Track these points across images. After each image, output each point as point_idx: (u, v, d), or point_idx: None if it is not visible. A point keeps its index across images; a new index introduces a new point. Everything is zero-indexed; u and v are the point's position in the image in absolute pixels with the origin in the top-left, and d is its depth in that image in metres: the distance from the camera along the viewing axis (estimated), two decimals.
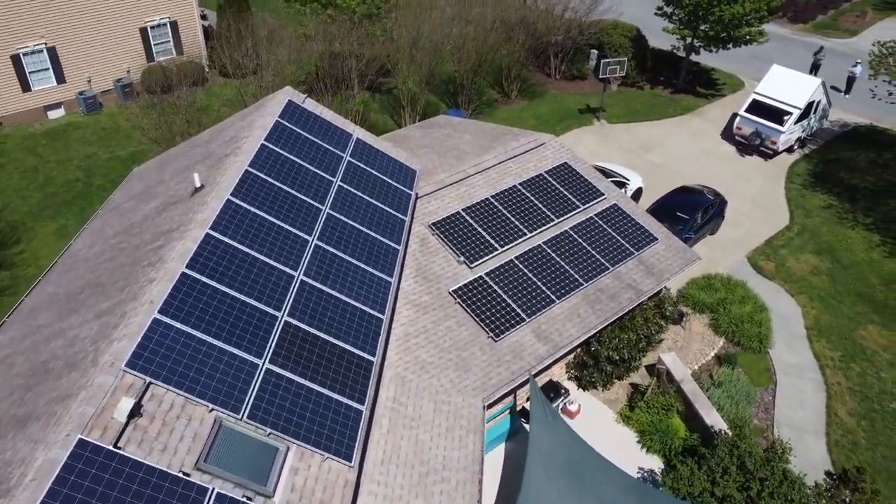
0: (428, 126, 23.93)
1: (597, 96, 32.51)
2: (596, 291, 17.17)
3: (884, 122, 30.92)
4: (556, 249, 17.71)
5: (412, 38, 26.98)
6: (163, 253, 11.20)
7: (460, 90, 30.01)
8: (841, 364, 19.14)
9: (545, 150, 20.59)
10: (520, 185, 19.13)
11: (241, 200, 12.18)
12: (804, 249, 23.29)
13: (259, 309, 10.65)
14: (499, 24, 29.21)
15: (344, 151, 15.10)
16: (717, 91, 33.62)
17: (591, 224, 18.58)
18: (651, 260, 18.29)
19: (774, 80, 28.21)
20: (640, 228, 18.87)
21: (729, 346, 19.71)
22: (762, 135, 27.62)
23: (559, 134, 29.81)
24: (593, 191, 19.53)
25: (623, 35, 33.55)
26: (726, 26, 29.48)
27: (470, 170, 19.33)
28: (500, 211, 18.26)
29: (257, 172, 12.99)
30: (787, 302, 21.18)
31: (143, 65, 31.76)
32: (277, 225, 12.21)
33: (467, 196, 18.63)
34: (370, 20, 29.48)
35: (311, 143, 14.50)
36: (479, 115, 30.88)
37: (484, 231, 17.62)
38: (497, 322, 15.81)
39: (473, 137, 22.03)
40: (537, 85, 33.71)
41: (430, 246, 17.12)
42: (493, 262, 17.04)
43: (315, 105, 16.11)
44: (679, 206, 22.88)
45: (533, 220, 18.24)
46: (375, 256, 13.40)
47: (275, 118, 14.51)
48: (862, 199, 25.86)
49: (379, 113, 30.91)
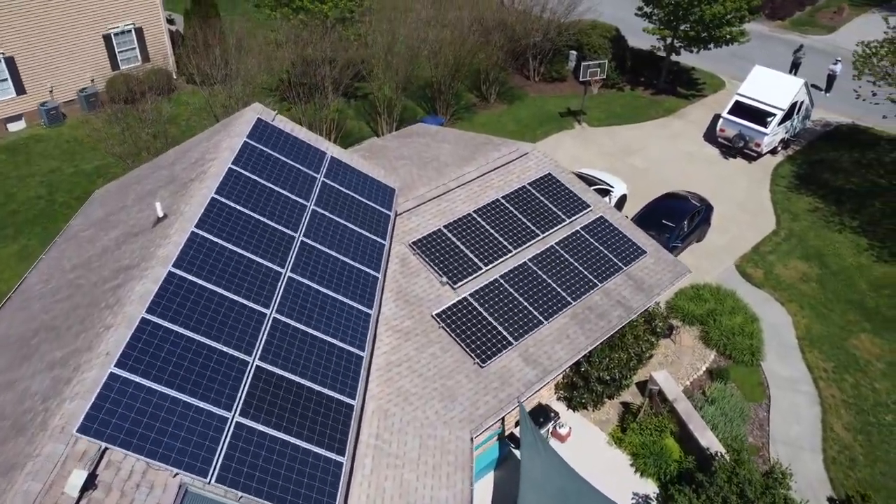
0: (406, 135, 23.12)
1: (577, 98, 31.90)
2: (585, 310, 16.51)
3: (865, 120, 30.66)
4: (542, 266, 17.02)
5: (387, 43, 26.12)
6: (121, 294, 10.31)
7: (438, 95, 29.23)
8: (834, 376, 18.70)
9: (528, 161, 19.89)
10: (503, 198, 18.41)
11: (206, 232, 11.30)
12: (792, 255, 22.86)
13: (228, 354, 9.81)
14: (476, 27, 28.45)
15: (318, 172, 14.25)
16: (698, 91, 33.18)
17: (577, 238, 17.92)
18: (640, 274, 17.68)
19: (757, 81, 27.79)
20: (628, 241, 18.25)
21: (720, 359, 19.19)
22: (746, 137, 27.19)
23: (540, 138, 29.17)
24: (579, 203, 18.86)
25: (602, 36, 32.97)
26: (707, 26, 29.00)
27: (451, 183, 18.57)
28: (484, 227, 17.53)
29: (224, 200, 12.11)
30: (778, 311, 20.71)
31: (108, 73, 30.58)
32: (247, 258, 11.36)
33: (449, 212, 17.87)
34: (343, 24, 28.58)
35: (282, 164, 13.65)
36: (458, 121, 30.14)
37: (467, 249, 16.88)
38: (483, 346, 15.08)
39: (453, 147, 21.27)
40: (516, 88, 33.02)
41: (411, 266, 16.35)
42: (478, 283, 16.32)
43: (286, 122, 15.24)
44: (665, 213, 22.32)
45: (517, 235, 17.54)
46: (354, 286, 12.60)
47: (243, 139, 13.62)
48: (847, 201, 25.52)
49: (355, 119, 30.03)
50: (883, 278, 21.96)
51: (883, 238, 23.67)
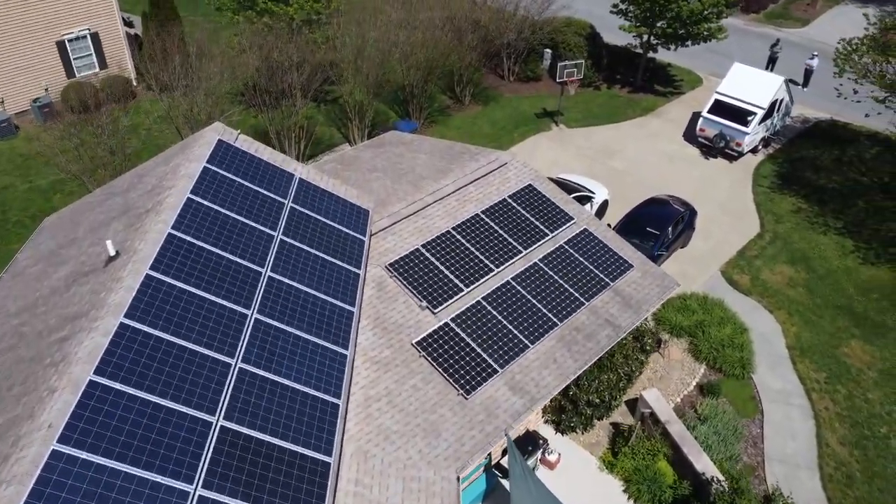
0: (378, 145, 22.15)
1: (553, 98, 31.12)
2: (572, 331, 15.75)
3: (843, 116, 30.31)
4: (526, 285, 16.22)
5: (357, 47, 25.06)
6: (68, 349, 9.28)
7: (410, 98, 28.25)
8: (827, 386, 18.20)
9: (507, 171, 19.05)
10: (482, 213, 17.56)
11: (162, 274, 10.29)
12: (778, 259, 22.35)
13: (188, 416, 8.86)
14: (448, 28, 27.48)
15: (286, 196, 13.26)
16: (675, 89, 32.59)
17: (561, 253, 17.14)
18: (628, 290, 16.96)
19: (736, 79, 27.24)
20: (614, 255, 17.52)
21: (710, 372, 18.60)
22: (726, 136, 26.64)
23: (517, 141, 28.36)
24: (561, 215, 18.08)
25: (577, 33, 32.21)
26: (684, 23, 28.37)
27: (428, 198, 17.67)
28: (463, 245, 16.67)
29: (182, 235, 11.09)
30: (766, 319, 20.17)
31: (64, 82, 29.11)
32: (208, 300, 10.38)
33: (426, 229, 16.98)
34: (310, 27, 27.43)
35: (246, 190, 12.64)
36: (432, 124, 29.20)
37: (447, 269, 16.02)
38: (467, 376, 14.25)
39: (429, 158, 20.36)
40: (491, 88, 32.14)
41: (389, 290, 15.45)
42: (459, 305, 15.46)
43: (249, 142, 14.19)
44: (648, 220, 21.65)
45: (499, 252, 16.71)
46: (327, 324, 11.67)
47: (202, 164, 12.57)
48: (830, 201, 25.10)
49: (325, 125, 28.94)
50: (870, 281, 21.55)
51: (868, 239, 23.28)
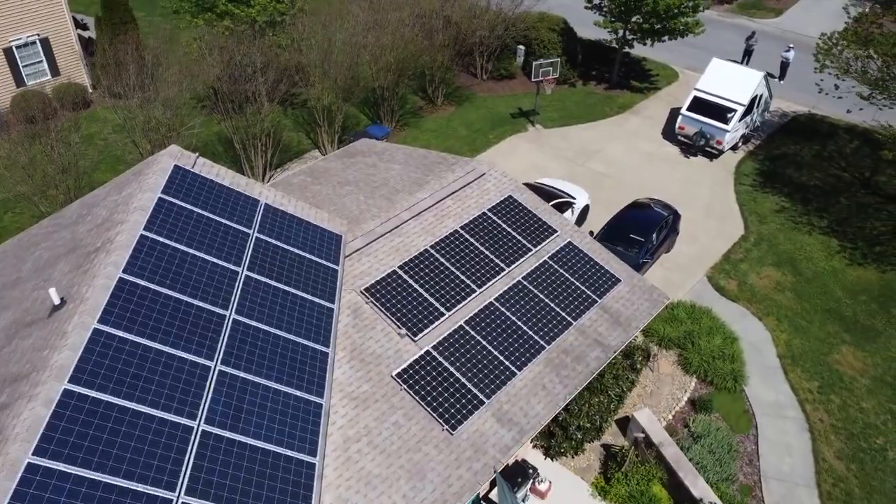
0: (350, 154, 21.10)
1: (528, 97, 30.27)
2: (560, 354, 14.97)
3: (821, 108, 29.92)
4: (510, 306, 15.38)
5: (324, 50, 23.91)
6: (5, 421, 8.21)
7: (382, 101, 27.19)
8: (820, 397, 17.69)
9: (486, 183, 18.16)
10: (462, 229, 16.67)
11: (113, 327, 9.25)
12: (764, 262, 21.81)
13: (144, 495, 7.87)
14: (419, 28, 26.44)
15: (250, 226, 12.22)
16: (652, 84, 31.93)
17: (545, 270, 16.32)
18: (616, 306, 16.21)
19: (715, 75, 26.62)
20: (600, 269, 16.75)
21: (701, 386, 17.98)
22: (707, 135, 26.02)
23: (493, 143, 27.47)
24: (544, 228, 17.26)
25: (550, 29, 31.34)
26: (661, 18, 27.65)
27: (404, 214, 16.72)
28: (443, 264, 15.77)
29: (135, 280, 10.03)
30: (755, 326, 19.61)
31: (13, 91, 27.53)
32: (165, 354, 9.37)
33: (403, 248, 16.04)
34: (274, 28, 26.20)
35: (206, 222, 11.59)
36: (405, 128, 28.19)
37: (426, 292, 15.11)
38: (452, 409, 13.39)
39: (403, 169, 19.39)
40: (464, 88, 31.17)
41: (365, 317, 14.50)
42: (441, 331, 14.57)
43: (209, 167, 13.09)
44: (632, 226, 20.93)
45: (481, 271, 15.84)
46: (300, 370, 10.71)
47: (157, 194, 11.48)
48: (813, 199, 24.64)
49: (293, 130, 27.77)
50: (857, 283, 21.11)
51: (853, 238, 22.85)
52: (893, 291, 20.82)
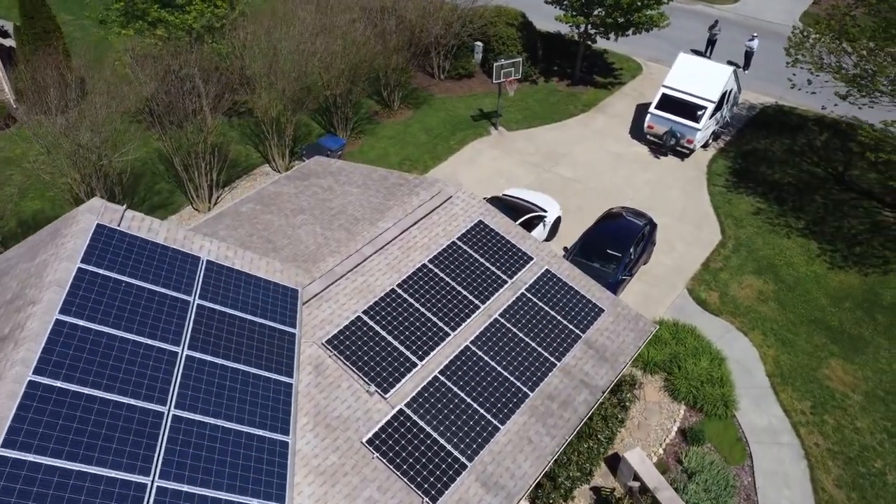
0: (302, 176, 19.41)
1: (489, 97, 28.83)
2: (545, 400, 13.71)
3: (787, 99, 29.19)
4: (488, 349, 14.04)
5: (269, 59, 22.04)
6: None
7: (335, 110, 25.44)
8: (813, 418, 16.85)
9: (453, 207, 16.73)
10: (430, 262, 15.23)
11: (21, 450, 7.58)
12: (744, 270, 20.90)
13: None
14: (371, 30, 24.67)
15: (191, 291, 10.57)
16: (616, 79, 30.77)
17: (524, 304, 15.01)
18: (601, 340, 15.02)
19: (683, 71, 25.54)
20: (581, 298, 15.52)
21: (691, 412, 16.98)
22: (677, 134, 24.98)
23: (455, 149, 25.99)
24: (519, 255, 15.94)
25: (509, 24, 29.84)
26: (624, 11, 26.42)
27: (366, 248, 15.21)
28: (412, 305, 14.33)
29: (49, 381, 8.36)
30: (741, 343, 18.69)
31: None
32: (90, 475, 7.76)
33: (367, 289, 14.54)
34: (213, 35, 24.16)
35: (137, 293, 9.92)
36: (360, 136, 26.50)
37: (396, 339, 13.67)
38: (431, 476, 12.03)
39: (362, 192, 17.82)
40: (421, 89, 29.56)
41: (329, 374, 13.00)
42: (414, 384, 13.18)
43: (140, 221, 11.35)
44: (607, 241, 19.76)
45: (454, 311, 14.45)
46: (256, 469, 9.18)
47: (76, 264, 9.75)
48: (789, 198, 23.84)
49: (239, 143, 25.87)
50: (840, 288, 20.36)
51: (831, 239, 22.11)
52: (877, 296, 20.14)
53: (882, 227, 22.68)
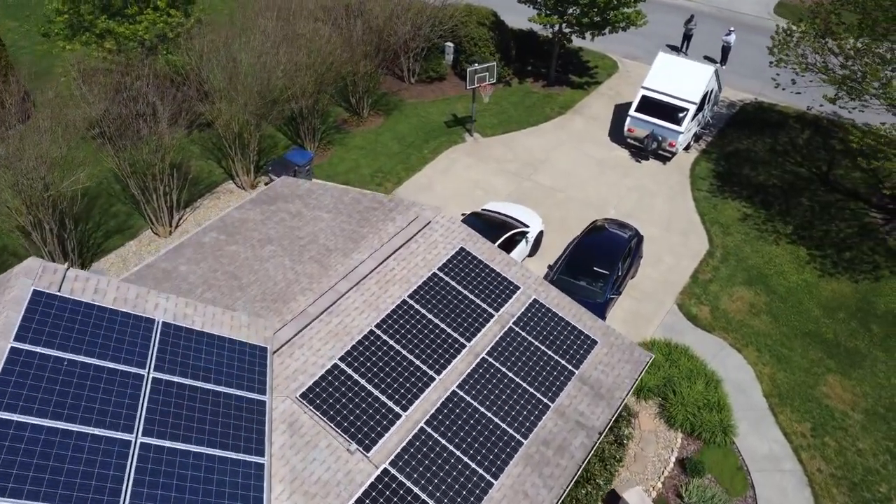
0: (269, 200, 18.14)
1: (462, 100, 27.70)
2: (539, 447, 12.76)
3: (767, 95, 28.55)
4: (476, 393, 13.04)
5: (229, 72, 20.64)
6: None
7: (301, 121, 24.12)
8: (814, 441, 16.18)
9: (432, 233, 15.64)
10: (411, 297, 14.15)
11: None
12: (734, 281, 20.17)
13: None
14: (337, 36, 23.32)
15: (145, 363, 9.36)
16: (592, 78, 29.83)
17: (512, 339, 14.02)
18: (595, 374, 14.10)
19: (663, 71, 24.66)
20: (572, 330, 14.58)
21: (688, 441, 16.20)
22: (658, 137, 24.13)
23: (429, 158, 24.85)
24: (505, 284, 14.92)
25: (480, 23, 28.69)
26: (601, 10, 25.43)
27: (341, 284, 14.07)
28: (393, 348, 13.25)
29: None
30: (736, 361, 17.96)
31: None
32: None
33: (344, 332, 13.43)
34: (166, 45, 22.65)
35: (82, 372, 8.70)
36: (329, 146, 25.22)
37: (377, 388, 12.59)
38: None
39: (333, 218, 16.64)
40: (391, 94, 28.32)
41: (305, 432, 11.89)
42: (398, 438, 12.13)
43: (84, 281, 10.07)
44: (594, 257, 18.84)
45: (438, 351, 13.41)
46: None
47: (9, 343, 8.49)
48: (774, 202, 23.15)
49: (201, 158, 24.42)
50: (832, 298, 19.73)
51: (819, 244, 21.49)
52: (870, 305, 19.56)
53: (870, 229, 22.13)
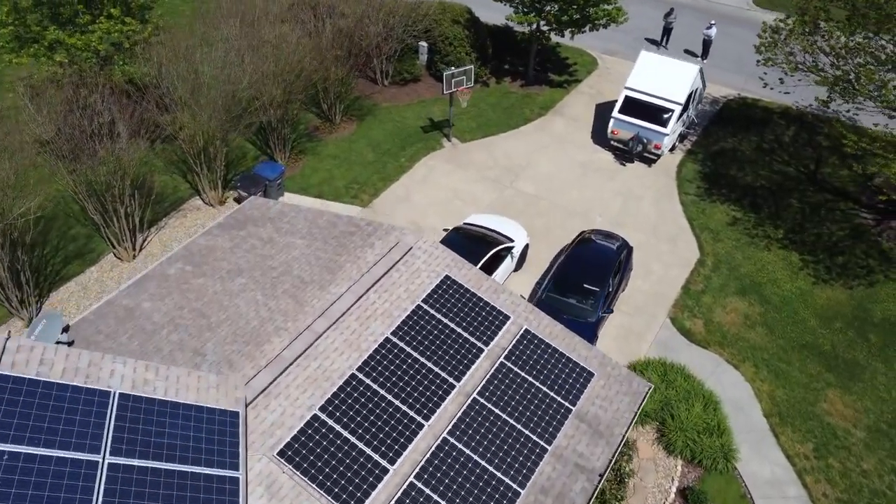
0: (238, 224, 16.98)
1: (438, 103, 26.61)
2: (538, 496, 11.92)
3: (750, 90, 27.90)
4: (468, 439, 12.14)
5: (191, 85, 19.36)
6: None
7: (271, 131, 22.89)
8: (818, 463, 15.57)
9: (414, 261, 14.64)
10: (394, 335, 13.18)
11: None
12: (727, 291, 19.49)
13: None
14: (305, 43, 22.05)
15: (99, 447, 8.27)
16: (571, 76, 28.90)
17: (504, 376, 13.12)
18: (593, 410, 13.28)
19: (646, 71, 23.79)
20: (567, 361, 13.72)
21: (689, 468, 15.49)
22: (643, 140, 23.31)
23: (407, 167, 23.77)
24: (493, 314, 14.00)
25: (454, 21, 27.57)
26: (580, 7, 24.46)
27: (318, 324, 13.05)
28: (377, 393, 12.28)
29: None
30: (733, 378, 17.29)
31: None
32: None
33: (323, 376, 12.42)
34: (122, 56, 21.25)
35: (24, 465, 7.59)
36: (301, 156, 24.03)
37: (361, 440, 11.64)
38: None
39: (307, 245, 15.56)
40: (364, 97, 27.13)
41: (284, 496, 10.90)
42: (387, 495, 11.19)
43: (27, 350, 8.90)
44: (583, 274, 17.99)
45: (426, 394, 12.47)
46: None
47: None
48: (764, 205, 22.50)
49: (165, 173, 23.08)
50: (828, 306, 19.14)
51: (812, 249, 20.88)
52: (866, 312, 19.01)
53: (861, 231, 21.58)
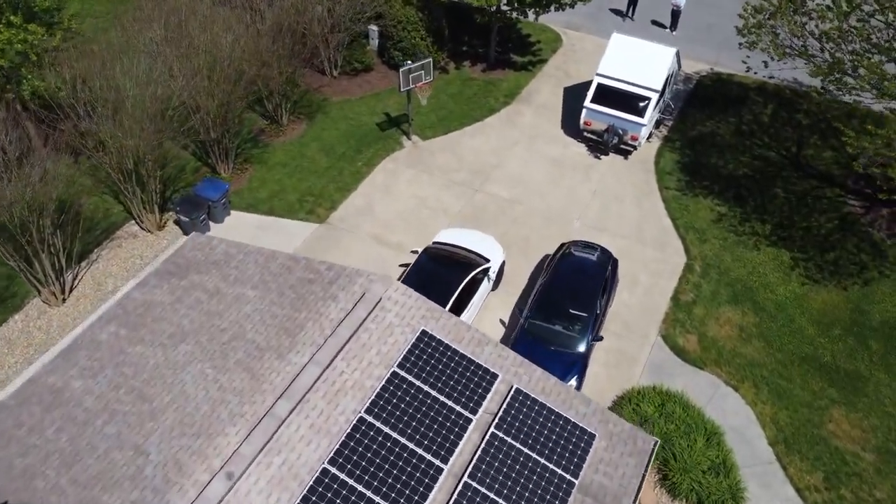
0: (179, 272, 14.86)
1: (394, 95, 24.39)
2: None
3: (724, 64, 26.38)
4: None
5: (112, 104, 16.89)
6: None
7: (212, 144, 20.52)
8: (829, 495, 14.57)
9: (385, 314, 12.86)
10: (368, 412, 11.47)
11: None
12: (719, 299, 18.23)
13: None
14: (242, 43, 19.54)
15: None
16: (535, 56, 26.89)
17: (497, 450, 11.57)
18: (597, 479, 11.86)
19: (618, 56, 21.94)
20: (565, 423, 12.23)
21: None
22: (619, 131, 21.62)
23: (365, 173, 21.72)
24: (480, 374, 12.38)
25: (406, 2, 25.17)
26: None
27: (280, 406, 11.31)
28: (354, 489, 10.62)
29: None
30: (733, 402, 16.12)
31: None
32: None
33: (290, 474, 10.70)
34: (30, 69, 18.55)
35: None
36: (247, 167, 21.75)
37: None
38: None
39: (260, 298, 13.61)
40: (313, 91, 24.76)
41: None
42: None
43: None
44: (569, 295, 16.44)
45: (411, 483, 10.86)
46: None
47: None
48: (749, 196, 21.17)
49: (94, 193, 20.64)
50: (824, 311, 18.03)
51: (802, 245, 19.70)
52: (864, 315, 17.98)
53: (850, 221, 20.46)
